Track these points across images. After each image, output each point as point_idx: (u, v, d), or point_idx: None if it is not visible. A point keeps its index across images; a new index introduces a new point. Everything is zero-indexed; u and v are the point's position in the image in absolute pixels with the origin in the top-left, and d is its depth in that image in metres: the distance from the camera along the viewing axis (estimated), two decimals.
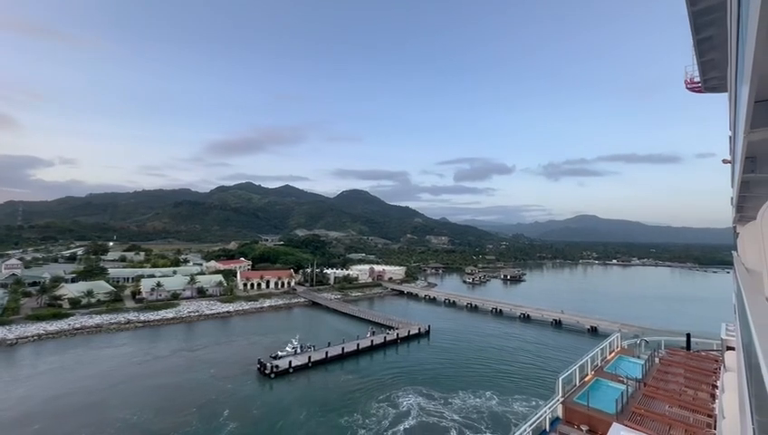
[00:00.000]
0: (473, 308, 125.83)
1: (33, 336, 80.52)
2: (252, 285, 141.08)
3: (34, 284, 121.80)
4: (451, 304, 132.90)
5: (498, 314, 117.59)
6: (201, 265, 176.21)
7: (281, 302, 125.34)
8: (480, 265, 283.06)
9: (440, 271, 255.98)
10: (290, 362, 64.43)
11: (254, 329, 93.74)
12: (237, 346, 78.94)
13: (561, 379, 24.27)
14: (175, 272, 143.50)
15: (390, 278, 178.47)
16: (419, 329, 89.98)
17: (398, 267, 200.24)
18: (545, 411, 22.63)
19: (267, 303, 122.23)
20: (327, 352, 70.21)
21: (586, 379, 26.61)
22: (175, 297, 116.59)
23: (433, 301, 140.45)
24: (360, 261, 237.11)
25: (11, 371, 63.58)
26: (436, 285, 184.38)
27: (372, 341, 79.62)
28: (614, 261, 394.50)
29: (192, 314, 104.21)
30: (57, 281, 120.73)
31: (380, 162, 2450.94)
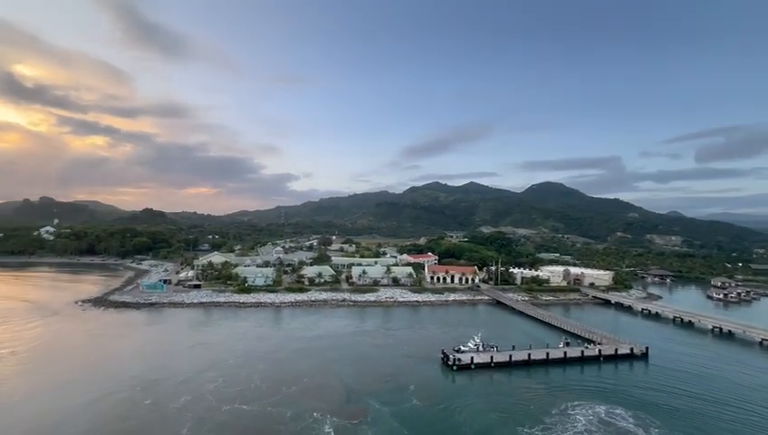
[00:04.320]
0: (723, 334, 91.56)
1: (288, 303, 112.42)
2: (437, 278, 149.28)
3: (289, 265, 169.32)
4: (685, 325, 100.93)
5: None
6: (396, 257, 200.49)
7: (464, 297, 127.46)
8: (740, 277, 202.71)
9: (667, 280, 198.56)
10: (472, 358, 64.62)
11: (439, 320, 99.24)
12: (424, 333, 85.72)
13: None
14: (376, 262, 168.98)
15: (592, 284, 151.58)
16: (632, 349, 72.64)
17: (602, 271, 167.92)
18: None
19: (452, 297, 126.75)
20: (511, 356, 66.45)
21: None
22: (375, 284, 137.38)
23: (655, 317, 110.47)
24: (553, 262, 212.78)
25: (278, 324, 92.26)
26: (660, 297, 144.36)
27: (566, 353, 69.98)
28: None
29: (388, 299, 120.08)
30: (301, 264, 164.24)
31: (581, 149, 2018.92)
